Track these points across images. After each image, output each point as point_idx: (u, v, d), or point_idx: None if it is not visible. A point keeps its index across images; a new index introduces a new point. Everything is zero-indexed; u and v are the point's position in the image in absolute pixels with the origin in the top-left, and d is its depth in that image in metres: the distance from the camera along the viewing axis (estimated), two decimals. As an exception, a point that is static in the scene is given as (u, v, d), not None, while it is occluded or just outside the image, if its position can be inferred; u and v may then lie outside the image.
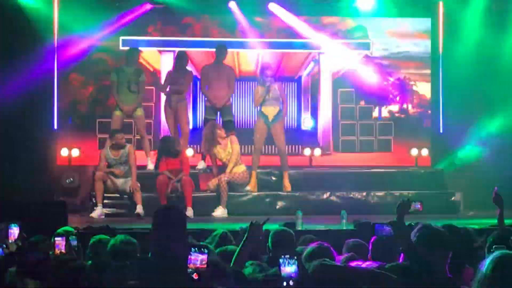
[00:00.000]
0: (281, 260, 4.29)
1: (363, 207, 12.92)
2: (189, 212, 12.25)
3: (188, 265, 4.22)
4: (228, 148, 13.03)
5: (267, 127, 13.38)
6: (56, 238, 6.21)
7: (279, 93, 13.45)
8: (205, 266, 4.22)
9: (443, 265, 4.82)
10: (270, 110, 13.34)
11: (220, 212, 12.60)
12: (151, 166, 13.55)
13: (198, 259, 4.24)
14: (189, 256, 4.23)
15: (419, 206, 6.21)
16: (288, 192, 13.43)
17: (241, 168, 13.13)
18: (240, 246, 5.56)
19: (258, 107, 13.55)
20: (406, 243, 4.98)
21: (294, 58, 16.31)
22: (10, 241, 6.50)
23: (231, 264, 5.26)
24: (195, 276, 4.21)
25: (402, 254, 5.08)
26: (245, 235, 5.58)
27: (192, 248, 4.26)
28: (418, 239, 4.90)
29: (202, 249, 4.26)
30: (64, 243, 6.17)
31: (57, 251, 6.08)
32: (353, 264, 5.02)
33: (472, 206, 13.53)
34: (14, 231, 6.55)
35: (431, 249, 4.82)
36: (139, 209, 12.30)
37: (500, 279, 3.81)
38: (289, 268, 4.23)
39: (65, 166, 14.77)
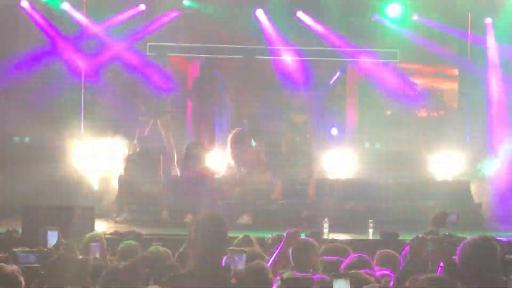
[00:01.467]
0: None
1: (388, 217, 12.85)
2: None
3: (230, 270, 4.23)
4: (255, 156, 13.01)
5: (296, 135, 13.38)
6: (91, 244, 6.24)
7: (307, 102, 13.43)
8: (243, 269, 4.23)
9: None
10: (298, 119, 13.33)
11: (245, 219, 12.58)
12: (177, 173, 13.60)
13: (237, 263, 4.25)
14: (228, 260, 4.24)
15: (455, 218, 6.17)
16: (313, 200, 13.38)
17: (266, 176, 13.11)
18: (276, 253, 5.53)
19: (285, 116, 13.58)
20: (447, 257, 4.95)
21: (322, 65, 16.28)
22: (48, 246, 6.48)
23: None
24: (233, 281, 4.22)
25: (440, 267, 5.05)
26: (282, 242, 5.55)
27: (231, 253, 4.27)
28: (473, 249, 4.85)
29: (241, 253, 4.26)
30: (98, 248, 6.20)
31: (92, 257, 6.10)
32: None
33: (498, 217, 13.45)
34: (53, 236, 6.56)
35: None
36: (164, 215, 12.34)
37: None
38: None
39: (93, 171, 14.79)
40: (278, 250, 5.52)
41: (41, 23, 14.79)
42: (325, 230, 10.14)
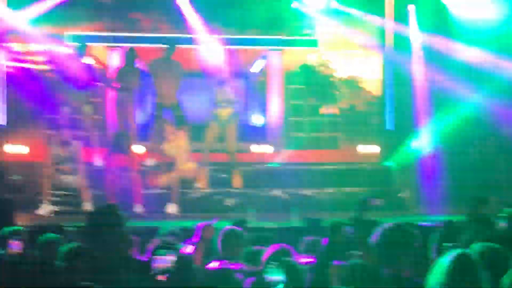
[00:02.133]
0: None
1: (313, 203, 12.93)
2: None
3: (155, 266, 4.15)
4: (177, 145, 12.94)
5: (221, 127, 13.35)
6: (8, 238, 6.10)
7: (231, 94, 13.39)
8: (173, 266, 4.15)
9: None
10: (223, 113, 13.30)
11: (172, 208, 12.51)
12: (98, 163, 13.45)
13: (166, 260, 4.17)
14: (156, 257, 4.16)
15: (379, 203, 6.24)
16: (238, 189, 13.38)
17: (192, 165, 13.07)
18: (194, 245, 5.49)
19: (211, 107, 13.53)
20: (365, 242, 4.98)
21: (243, 54, 16.25)
22: None
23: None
24: (161, 277, 4.13)
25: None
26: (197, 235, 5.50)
27: (159, 249, 4.19)
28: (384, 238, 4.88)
29: (170, 249, 4.19)
30: (18, 243, 6.07)
31: (10, 251, 5.97)
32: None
33: (420, 203, 13.63)
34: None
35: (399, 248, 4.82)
36: (87, 206, 12.18)
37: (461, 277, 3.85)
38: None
39: (12, 162, 14.53)
40: (195, 241, 5.47)
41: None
42: (250, 219, 10.11)
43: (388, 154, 15.33)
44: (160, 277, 4.12)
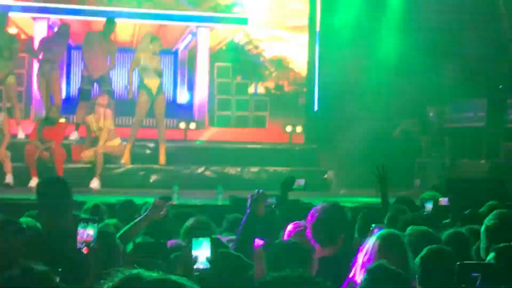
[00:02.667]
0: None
1: (237, 182, 12.93)
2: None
3: (78, 239, 4.10)
4: (101, 122, 12.77)
5: (151, 100, 13.21)
6: None
7: (160, 65, 13.30)
8: (93, 239, 4.10)
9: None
10: (153, 83, 13.16)
11: (95, 184, 12.37)
12: (22, 135, 13.24)
13: (85, 233, 4.12)
14: (78, 230, 4.11)
15: (302, 182, 6.25)
16: (162, 165, 13.30)
17: (117, 141, 12.94)
18: (136, 220, 5.37)
19: (138, 80, 13.38)
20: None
21: (171, 31, 16.15)
22: None
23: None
24: (85, 250, 4.08)
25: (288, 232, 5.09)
26: (146, 212, 5.37)
27: (81, 222, 4.13)
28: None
29: (91, 223, 4.14)
30: None
31: None
32: None
33: (343, 184, 13.75)
34: None
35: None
36: (9, 179, 11.97)
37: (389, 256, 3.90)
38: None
39: None
40: (139, 218, 5.34)
41: None
42: (175, 195, 10.07)
43: (313, 135, 15.40)
44: (84, 250, 4.07)
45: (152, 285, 2.18)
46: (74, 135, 13.48)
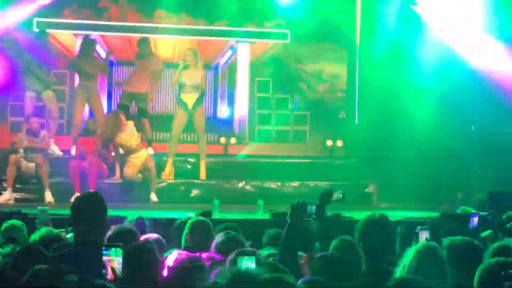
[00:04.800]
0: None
1: (277, 196, 12.90)
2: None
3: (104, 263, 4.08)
4: (135, 134, 12.79)
5: (187, 114, 13.23)
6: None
7: (199, 81, 13.25)
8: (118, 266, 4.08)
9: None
10: (189, 98, 13.18)
11: (154, 197, 12.43)
12: (58, 151, 13.40)
13: (110, 260, 4.10)
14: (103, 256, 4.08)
15: (341, 196, 6.20)
16: (203, 180, 13.32)
17: (143, 153, 12.88)
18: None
19: (176, 94, 13.42)
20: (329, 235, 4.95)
21: (212, 46, 16.20)
22: None
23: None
24: (110, 277, 4.07)
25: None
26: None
27: (105, 248, 4.12)
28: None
29: (116, 248, 4.11)
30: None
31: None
32: None
33: (385, 198, 13.66)
34: None
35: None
36: (48, 195, 12.06)
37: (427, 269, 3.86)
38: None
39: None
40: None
41: None
42: (214, 210, 10.06)
43: (354, 149, 15.33)
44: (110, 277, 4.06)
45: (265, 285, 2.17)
46: (150, 151, 13.50)
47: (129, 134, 12.68)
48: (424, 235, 5.38)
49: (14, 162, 12.22)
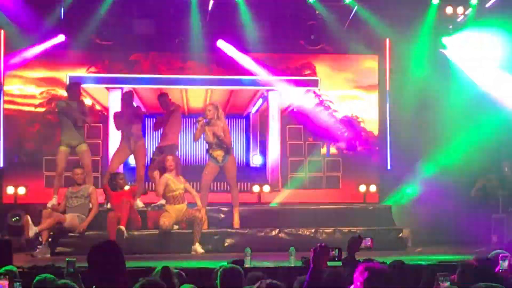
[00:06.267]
0: None
1: (311, 243, 12.79)
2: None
3: None
4: (182, 183, 12.87)
5: (218, 167, 13.30)
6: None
7: (222, 134, 13.23)
8: None
9: None
10: (217, 153, 13.24)
11: (199, 248, 12.49)
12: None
13: None
14: None
15: (369, 243, 6.19)
16: (237, 229, 13.33)
17: (184, 206, 12.98)
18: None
19: (206, 149, 13.50)
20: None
21: (243, 95, 16.33)
22: None
23: None
24: None
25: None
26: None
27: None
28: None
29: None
30: (6, 283, 6.03)
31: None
32: None
33: (419, 243, 13.58)
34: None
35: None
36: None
37: None
38: None
39: (11, 204, 14.54)
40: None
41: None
42: (247, 259, 10.06)
43: (388, 193, 15.31)
44: None
45: None
46: (159, 201, 13.57)
47: (175, 180, 12.81)
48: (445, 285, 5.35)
49: (47, 216, 12.31)
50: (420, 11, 15.17)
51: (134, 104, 14.14)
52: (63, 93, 14.84)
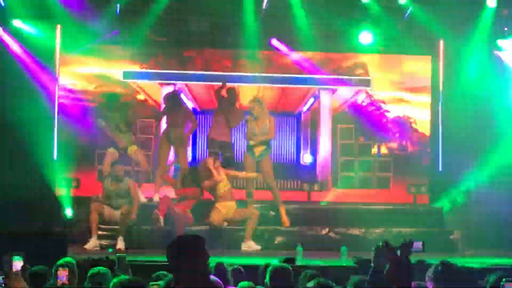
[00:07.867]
0: None
1: (361, 243, 12.85)
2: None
3: None
4: (224, 181, 12.95)
5: (255, 162, 13.36)
6: (58, 269, 6.18)
7: (267, 129, 13.31)
8: None
9: None
10: (257, 147, 13.29)
11: (251, 245, 12.57)
12: (143, 198, 13.62)
13: None
14: None
15: (421, 247, 6.15)
16: (287, 227, 13.36)
17: (234, 204, 13.07)
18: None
19: (247, 141, 13.57)
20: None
21: (294, 94, 16.35)
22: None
23: None
24: None
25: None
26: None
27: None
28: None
29: None
30: (66, 274, 6.14)
31: (59, 282, 6.06)
32: None
33: (471, 245, 13.49)
34: (17, 263, 6.48)
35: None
36: (120, 243, 12.21)
37: None
38: None
39: (64, 197, 14.70)
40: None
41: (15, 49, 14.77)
42: (298, 256, 10.11)
43: (438, 195, 15.22)
44: None
45: None
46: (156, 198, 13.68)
47: (217, 181, 12.89)
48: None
49: (96, 209, 12.48)
50: (475, 12, 15.03)
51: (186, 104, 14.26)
52: (115, 88, 15.05)
